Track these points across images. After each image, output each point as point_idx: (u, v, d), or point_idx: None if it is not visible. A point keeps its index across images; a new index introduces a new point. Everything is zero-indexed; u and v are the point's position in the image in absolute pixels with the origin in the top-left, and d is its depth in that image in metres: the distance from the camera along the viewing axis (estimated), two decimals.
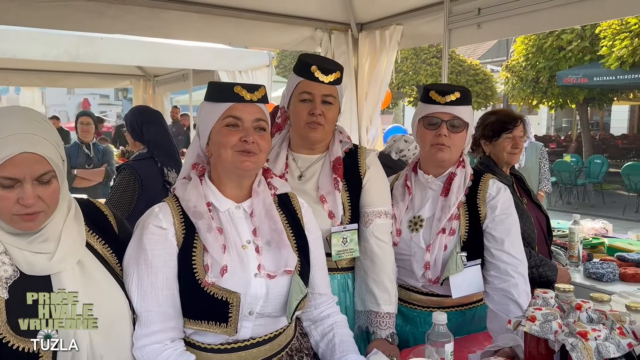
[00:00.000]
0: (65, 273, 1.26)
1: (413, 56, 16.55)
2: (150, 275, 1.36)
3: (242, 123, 1.41)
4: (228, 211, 1.46)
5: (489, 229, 1.84)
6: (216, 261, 1.37)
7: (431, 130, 1.85)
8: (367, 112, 4.93)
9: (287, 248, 1.45)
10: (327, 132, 1.85)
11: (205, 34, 4.89)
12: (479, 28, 4.11)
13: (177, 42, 6.17)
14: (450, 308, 1.90)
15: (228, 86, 1.42)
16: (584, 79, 11.28)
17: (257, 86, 1.45)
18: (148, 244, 1.37)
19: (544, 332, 1.26)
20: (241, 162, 1.40)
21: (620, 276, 2.61)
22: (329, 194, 1.81)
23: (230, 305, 1.36)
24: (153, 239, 1.38)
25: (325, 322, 1.60)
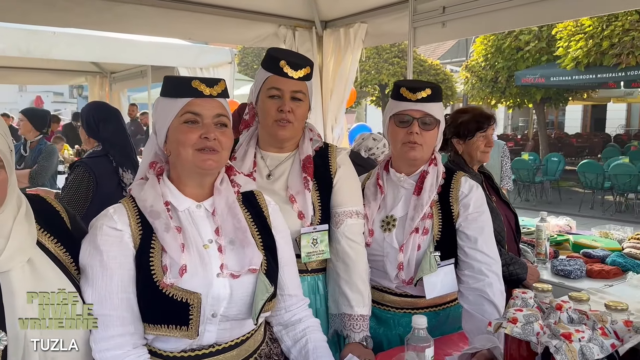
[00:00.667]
0: (14, 272, 1.16)
1: (375, 55, 16.65)
2: (105, 278, 1.27)
3: (202, 119, 1.33)
4: (188, 210, 1.38)
5: (462, 228, 1.80)
6: (175, 261, 1.30)
7: (402, 128, 1.81)
8: (332, 111, 4.89)
9: (252, 246, 1.38)
10: (297, 130, 1.78)
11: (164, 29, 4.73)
12: (443, 27, 4.13)
13: (135, 37, 5.98)
14: (424, 309, 1.86)
15: (185, 80, 1.34)
16: (541, 79, 11.55)
17: (217, 80, 1.37)
18: (103, 246, 1.29)
19: (526, 334, 1.23)
20: (203, 161, 1.33)
21: (587, 273, 2.63)
22: (299, 194, 1.74)
23: (191, 306, 1.28)
24: (108, 240, 1.30)
25: (297, 327, 1.52)
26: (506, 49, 12.90)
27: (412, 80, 1.88)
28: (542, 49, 12.33)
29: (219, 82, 1.36)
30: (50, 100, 31.52)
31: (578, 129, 24.03)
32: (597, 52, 10.20)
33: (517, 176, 11.09)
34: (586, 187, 10.49)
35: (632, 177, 9.42)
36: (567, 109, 23.36)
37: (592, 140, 18.77)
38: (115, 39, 5.99)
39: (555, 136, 19.87)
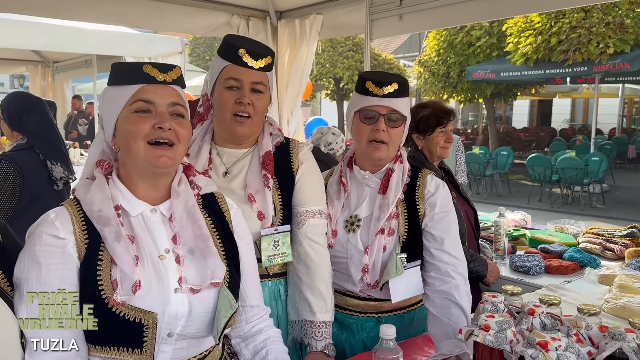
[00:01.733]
0: None
1: (330, 48, 16.59)
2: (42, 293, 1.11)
3: (155, 108, 1.18)
4: (142, 215, 1.23)
5: (428, 228, 1.72)
6: (127, 276, 1.15)
7: (368, 125, 1.70)
8: (288, 104, 4.78)
9: (214, 257, 1.24)
10: (256, 125, 1.65)
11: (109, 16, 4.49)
12: (400, 20, 4.09)
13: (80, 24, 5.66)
14: (388, 312, 1.78)
15: (135, 65, 1.19)
16: (492, 74, 11.77)
17: (171, 66, 1.23)
18: (42, 258, 1.12)
19: (499, 342, 1.16)
20: (156, 158, 1.18)
21: (546, 269, 2.63)
22: (258, 193, 1.61)
23: (145, 327, 1.14)
24: (48, 251, 1.13)
25: (257, 338, 1.40)
26: (458, 44, 13.08)
27: (379, 73, 1.76)
28: (492, 44, 12.55)
29: (173, 68, 1.22)
30: None
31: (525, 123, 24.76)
32: (546, 48, 10.47)
33: (468, 170, 11.28)
34: (534, 180, 10.78)
35: (579, 170, 9.73)
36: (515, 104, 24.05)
37: (539, 135, 19.36)
38: (58, 26, 5.66)
39: (503, 130, 20.39)
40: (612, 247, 2.83)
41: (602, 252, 2.84)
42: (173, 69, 1.22)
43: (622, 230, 2.99)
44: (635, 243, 2.89)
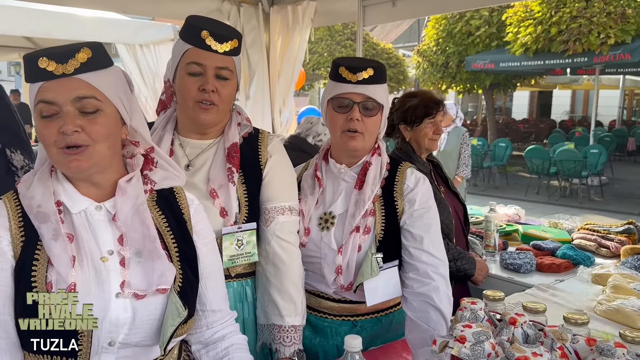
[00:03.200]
0: None
1: (328, 37, 16.41)
2: None
3: (60, 107, 1.03)
4: (85, 212, 1.12)
5: (407, 226, 1.61)
6: (62, 277, 1.04)
7: (342, 114, 1.59)
8: (280, 93, 4.67)
9: (162, 259, 1.13)
10: (222, 113, 1.53)
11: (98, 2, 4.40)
12: (393, 6, 4.00)
13: (69, 10, 5.53)
14: (364, 315, 1.67)
15: (33, 58, 1.02)
16: (491, 64, 11.61)
17: (73, 51, 1.03)
18: None
19: (476, 356, 1.05)
20: (68, 162, 1.05)
21: (537, 266, 2.52)
22: (221, 188, 1.50)
23: (80, 334, 1.05)
24: None
25: (219, 345, 1.29)
26: (457, 34, 12.91)
27: (353, 58, 1.63)
28: (492, 34, 12.38)
29: (76, 54, 1.03)
30: None
31: (525, 114, 24.61)
32: (546, 38, 10.32)
33: None
34: (532, 172, 10.68)
35: (577, 162, 9.62)
36: (515, 95, 23.89)
37: (538, 126, 19.24)
38: (48, 12, 5.52)
39: (503, 122, 20.25)
40: (608, 244, 2.72)
41: (597, 250, 2.73)
42: (76, 55, 1.03)
43: (618, 227, 2.88)
44: (632, 240, 2.78)
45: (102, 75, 1.08)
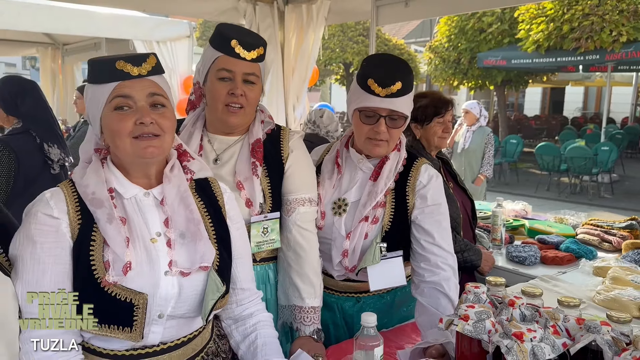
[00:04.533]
0: None
1: (340, 33, 16.47)
2: (36, 272, 1.16)
3: (135, 102, 1.20)
4: (135, 198, 1.27)
5: (419, 221, 1.74)
6: (118, 257, 1.19)
7: (367, 125, 1.70)
8: (294, 90, 4.78)
9: (205, 241, 1.27)
10: (248, 115, 1.67)
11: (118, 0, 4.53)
12: (406, 6, 4.10)
13: (88, 7, 5.68)
14: (367, 293, 1.81)
15: (109, 61, 1.20)
16: (503, 61, 11.64)
17: (144, 56, 1.23)
18: (37, 236, 1.17)
19: (478, 332, 1.18)
20: (143, 149, 1.20)
21: (542, 259, 2.64)
22: (247, 180, 1.64)
23: (136, 307, 1.19)
24: (42, 230, 1.18)
25: (247, 322, 1.44)
26: (469, 31, 12.92)
27: (383, 68, 1.66)
28: (504, 31, 12.39)
29: (147, 59, 1.22)
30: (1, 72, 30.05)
31: (537, 111, 24.51)
32: (558, 35, 10.33)
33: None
34: (543, 169, 10.72)
35: (587, 159, 9.66)
36: (527, 91, 23.78)
37: (550, 123, 19.19)
38: (67, 9, 5.70)
39: (514, 118, 20.20)
40: (610, 238, 2.83)
41: (600, 244, 2.85)
42: (147, 60, 1.22)
43: (621, 222, 2.99)
44: (634, 235, 2.88)
45: (162, 79, 1.26)
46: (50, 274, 1.17)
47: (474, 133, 5.59)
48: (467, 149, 5.56)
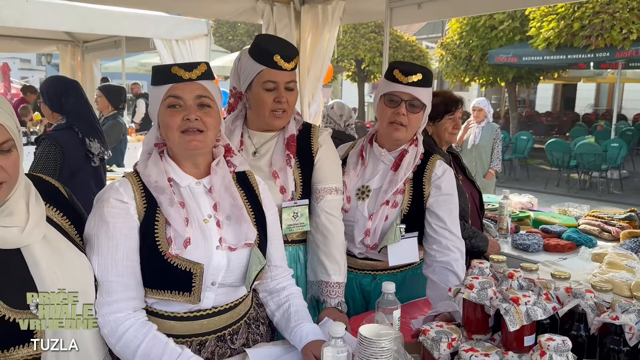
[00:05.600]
0: (35, 246, 1.25)
1: (352, 30, 16.61)
2: (110, 248, 1.38)
3: (184, 102, 1.42)
4: (189, 187, 1.49)
5: (433, 207, 1.96)
6: (179, 234, 1.41)
7: (391, 108, 1.94)
8: (309, 88, 4.94)
9: (247, 222, 1.50)
10: (289, 117, 1.91)
11: (139, 1, 4.72)
12: (419, 8, 4.24)
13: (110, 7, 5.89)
14: (382, 271, 2.02)
15: (166, 67, 1.43)
16: (514, 58, 11.75)
17: (196, 64, 1.45)
18: (110, 217, 1.39)
19: (481, 298, 1.39)
20: (187, 142, 1.42)
21: (544, 247, 2.84)
22: (281, 170, 1.86)
23: (194, 275, 1.41)
24: (114, 212, 1.40)
25: (281, 294, 1.67)
26: (481, 28, 13.04)
27: (407, 63, 1.98)
28: (515, 28, 12.50)
29: (198, 66, 1.44)
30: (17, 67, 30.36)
31: (549, 107, 24.48)
32: (568, 33, 10.43)
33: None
34: (553, 165, 10.84)
35: (597, 156, 9.78)
36: (539, 88, 23.75)
37: (561, 119, 19.21)
38: (90, 8, 5.90)
39: (526, 114, 20.25)
40: (610, 228, 3.02)
41: (600, 233, 3.03)
42: (198, 67, 1.44)
43: (621, 214, 3.17)
44: (633, 226, 3.06)
45: (211, 84, 1.47)
46: (122, 248, 1.39)
47: (482, 129, 5.76)
48: (477, 145, 5.73)
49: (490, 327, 1.43)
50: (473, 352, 1.27)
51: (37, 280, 1.24)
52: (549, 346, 1.13)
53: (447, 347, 1.33)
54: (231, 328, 1.55)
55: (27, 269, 1.24)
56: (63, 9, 5.87)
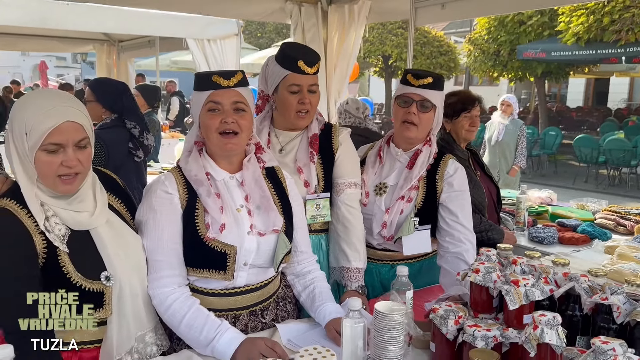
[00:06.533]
0: (101, 228, 1.48)
1: (380, 26, 16.67)
2: (157, 232, 1.60)
3: (222, 107, 1.62)
4: (224, 180, 1.69)
5: (446, 203, 2.12)
6: (216, 220, 1.61)
7: (403, 108, 2.11)
8: (335, 86, 5.06)
9: (274, 212, 1.70)
10: (312, 117, 2.09)
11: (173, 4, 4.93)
12: (442, 8, 4.35)
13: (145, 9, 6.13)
14: (400, 261, 2.18)
15: (207, 75, 1.63)
16: (542, 53, 11.68)
17: (234, 72, 1.65)
18: (157, 206, 1.61)
19: (486, 281, 1.54)
20: (224, 144, 1.63)
21: (559, 239, 2.96)
22: (305, 166, 2.05)
23: (228, 256, 1.62)
24: (160, 201, 1.62)
25: (306, 277, 1.86)
26: (509, 23, 12.97)
27: (420, 70, 2.19)
28: (544, 23, 12.41)
29: (235, 74, 1.64)
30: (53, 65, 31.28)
31: (580, 102, 24.07)
32: (598, 28, 10.33)
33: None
34: (581, 161, 10.77)
35: (626, 152, 9.68)
36: (570, 82, 23.36)
37: (592, 114, 18.90)
38: (126, 10, 6.16)
39: (556, 109, 19.98)
40: (625, 223, 3.12)
41: (615, 228, 3.13)
42: (235, 75, 1.64)
43: (638, 209, 3.26)
44: None
45: (246, 90, 1.67)
46: (167, 232, 1.61)
47: (506, 126, 5.78)
48: (502, 141, 5.76)
49: (494, 308, 1.59)
50: (476, 327, 1.43)
51: (105, 257, 1.47)
52: (541, 321, 1.28)
53: (454, 323, 1.49)
54: (262, 304, 1.75)
55: (95, 247, 1.47)
56: (101, 11, 6.14)
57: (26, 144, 1.38)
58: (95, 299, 1.44)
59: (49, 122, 1.37)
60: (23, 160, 1.41)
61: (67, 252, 1.41)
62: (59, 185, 1.42)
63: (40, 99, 1.42)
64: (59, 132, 1.38)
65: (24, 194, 1.40)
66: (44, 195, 1.43)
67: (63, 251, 1.41)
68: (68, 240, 1.43)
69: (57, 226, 1.42)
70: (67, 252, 1.41)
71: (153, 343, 1.59)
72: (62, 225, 1.43)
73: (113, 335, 1.47)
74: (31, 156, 1.38)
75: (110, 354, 1.47)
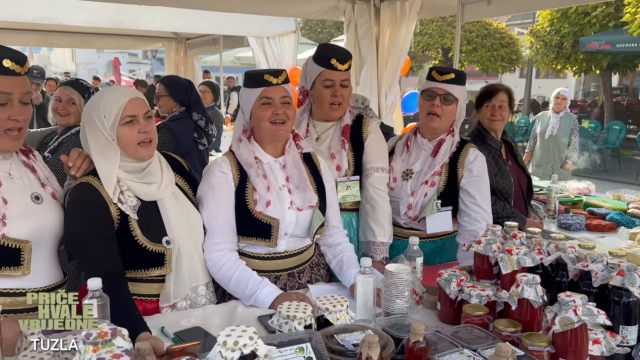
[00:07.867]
0: (167, 200, 1.83)
1: (439, 19, 16.56)
2: (215, 204, 1.94)
3: (273, 101, 1.94)
4: (269, 163, 2.02)
5: (466, 186, 2.36)
6: (262, 197, 1.94)
7: (428, 101, 2.37)
8: (386, 80, 5.28)
9: (310, 191, 2.01)
10: (344, 108, 2.38)
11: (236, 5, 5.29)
12: (489, 5, 4.49)
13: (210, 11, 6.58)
14: (424, 239, 2.43)
15: (259, 74, 1.95)
16: (607, 45, 11.37)
17: (280, 71, 1.97)
18: (215, 184, 1.95)
19: (486, 251, 1.79)
20: (276, 131, 1.95)
21: (586, 226, 3.11)
22: (337, 152, 2.35)
23: (272, 227, 1.95)
24: (218, 180, 1.96)
25: (337, 248, 2.17)
26: (572, 14, 12.65)
27: (443, 67, 2.42)
28: (609, 14, 12.02)
29: (282, 73, 1.97)
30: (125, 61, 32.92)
31: None
32: None
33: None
34: None
35: None
36: None
37: None
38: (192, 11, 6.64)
39: (627, 103, 19.15)
40: None
41: None
42: (282, 74, 1.96)
43: None
44: None
45: (289, 87, 1.99)
46: (224, 206, 1.95)
47: (560, 119, 5.73)
48: (556, 135, 5.72)
49: (494, 275, 1.83)
50: (473, 287, 1.68)
51: (167, 224, 1.81)
52: (522, 280, 1.52)
53: (456, 285, 1.75)
54: (299, 268, 2.07)
55: (160, 216, 1.81)
56: (170, 12, 6.66)
57: (107, 125, 1.72)
58: (158, 259, 1.78)
59: (120, 100, 1.73)
60: (103, 143, 1.73)
61: (136, 220, 1.75)
62: (140, 152, 1.77)
63: (108, 92, 1.80)
64: (131, 106, 1.74)
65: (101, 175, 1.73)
66: (121, 172, 1.77)
67: (133, 219, 1.75)
68: (138, 210, 1.77)
69: (129, 198, 1.76)
70: (136, 220, 1.75)
71: (204, 296, 1.93)
72: (134, 198, 1.78)
73: (171, 285, 1.82)
74: (113, 134, 1.73)
75: (168, 298, 1.82)
